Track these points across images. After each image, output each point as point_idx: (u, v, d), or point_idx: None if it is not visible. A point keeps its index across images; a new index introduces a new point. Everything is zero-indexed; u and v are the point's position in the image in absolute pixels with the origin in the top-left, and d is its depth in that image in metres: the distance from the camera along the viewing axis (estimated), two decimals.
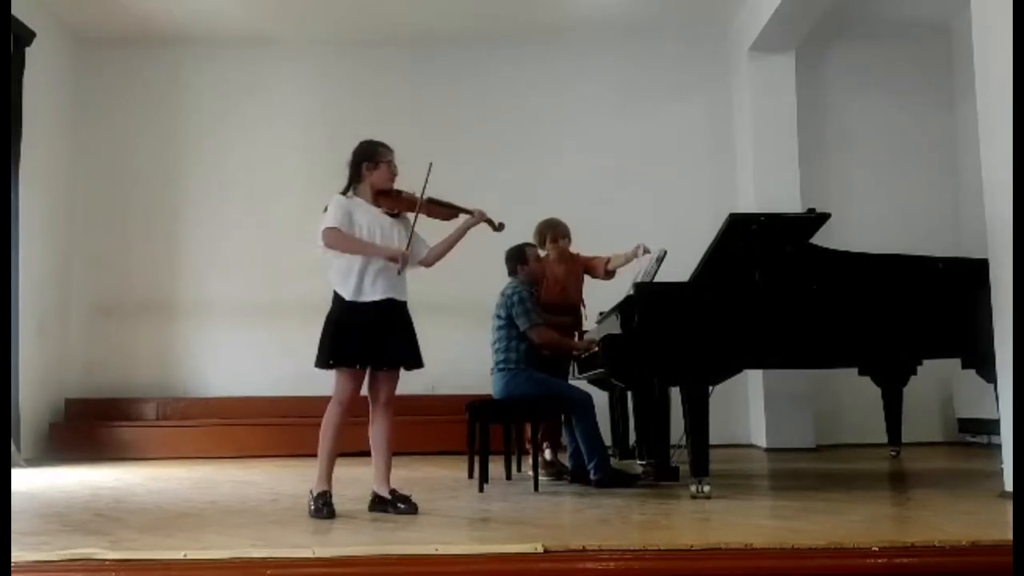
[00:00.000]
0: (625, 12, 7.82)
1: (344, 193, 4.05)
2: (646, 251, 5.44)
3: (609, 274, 5.78)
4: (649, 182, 8.01)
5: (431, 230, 4.19)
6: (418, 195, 4.02)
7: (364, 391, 4.02)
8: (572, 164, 8.07)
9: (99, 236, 8.04)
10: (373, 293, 3.93)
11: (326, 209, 3.96)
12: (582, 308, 5.80)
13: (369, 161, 4.05)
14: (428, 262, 4.15)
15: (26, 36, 6.97)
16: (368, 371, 3.98)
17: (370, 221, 3.99)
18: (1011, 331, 3.86)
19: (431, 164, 3.92)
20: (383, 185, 4.05)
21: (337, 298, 3.97)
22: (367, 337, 3.88)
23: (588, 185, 7.98)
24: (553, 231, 5.71)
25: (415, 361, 4.02)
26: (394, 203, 4.07)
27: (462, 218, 4.18)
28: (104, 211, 8.09)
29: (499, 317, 5.11)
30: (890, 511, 4.05)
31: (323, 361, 3.92)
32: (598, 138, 8.12)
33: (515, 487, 4.95)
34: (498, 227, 4.26)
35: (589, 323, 5.91)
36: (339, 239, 3.90)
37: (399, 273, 3.95)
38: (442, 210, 4.15)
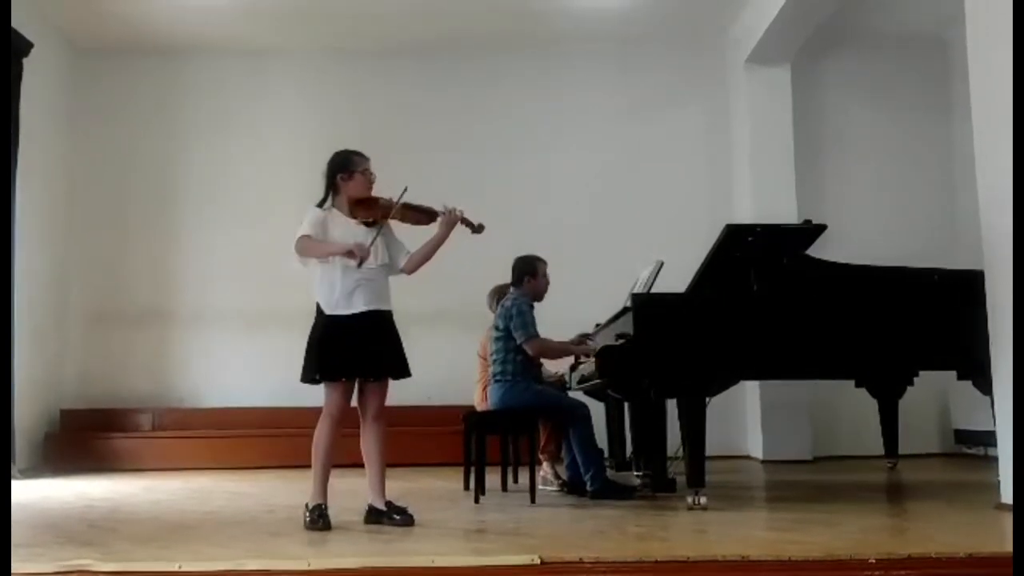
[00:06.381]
0: (623, 23, 7.85)
1: (320, 205, 4.00)
2: None
3: None
4: (646, 192, 8.02)
5: (416, 238, 4.10)
6: (393, 206, 3.94)
7: (355, 403, 3.99)
8: (570, 173, 8.08)
9: (96, 245, 8.03)
10: (355, 305, 3.88)
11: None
12: None
13: (343, 172, 4.00)
14: (409, 269, 4.06)
15: (24, 46, 6.97)
16: (356, 383, 3.96)
17: (344, 234, 3.92)
18: (1010, 342, 3.86)
19: (405, 188, 3.89)
20: (359, 194, 3.99)
21: (319, 312, 3.94)
22: (351, 349, 3.85)
23: (586, 194, 8.02)
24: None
25: (401, 371, 3.96)
26: (370, 211, 3.97)
27: (440, 221, 4.07)
28: (101, 220, 8.08)
29: (497, 328, 5.09)
30: (887, 523, 4.04)
31: (309, 376, 3.89)
32: (596, 148, 8.13)
33: (511, 498, 4.95)
34: (477, 228, 4.14)
35: None
36: (307, 245, 3.85)
37: (358, 267, 3.81)
38: (419, 215, 4.07)
